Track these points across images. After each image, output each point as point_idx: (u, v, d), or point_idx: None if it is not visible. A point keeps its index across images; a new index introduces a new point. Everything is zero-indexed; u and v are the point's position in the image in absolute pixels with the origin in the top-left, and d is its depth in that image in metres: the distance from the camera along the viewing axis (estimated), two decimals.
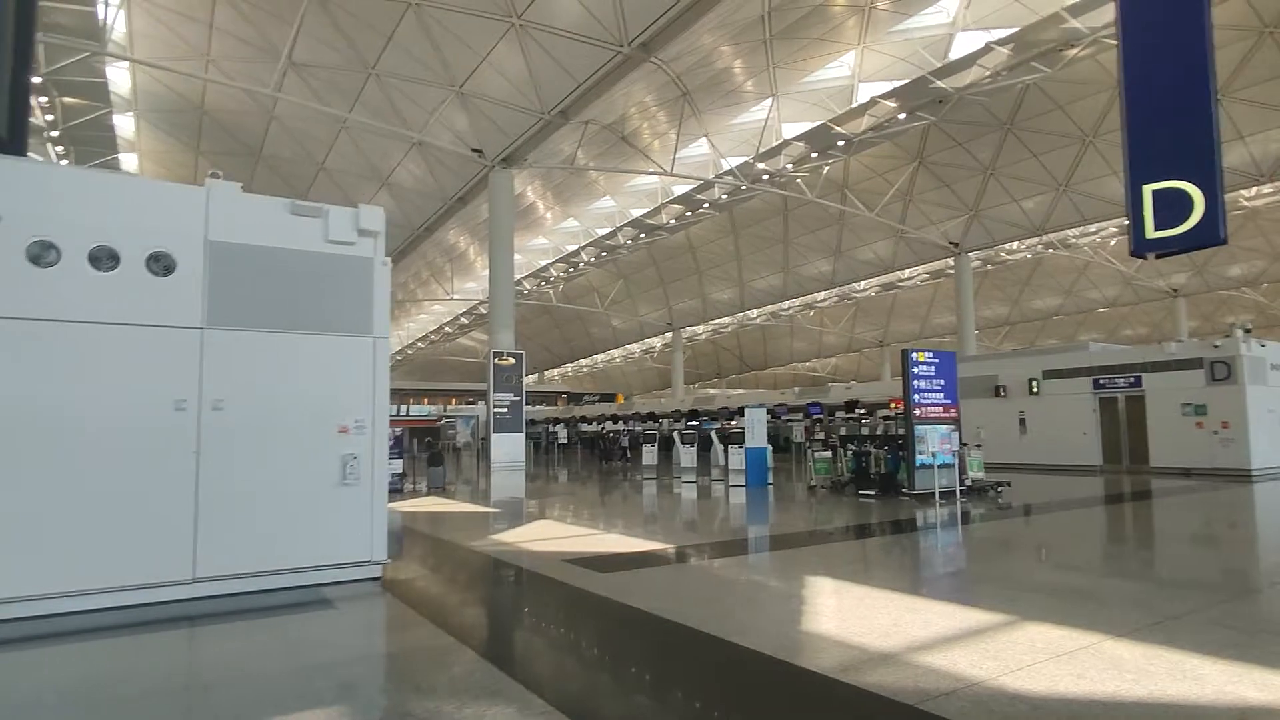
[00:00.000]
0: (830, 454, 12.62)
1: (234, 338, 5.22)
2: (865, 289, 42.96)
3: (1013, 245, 33.94)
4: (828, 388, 26.77)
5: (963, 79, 22.41)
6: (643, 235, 36.10)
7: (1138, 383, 15.55)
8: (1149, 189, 7.04)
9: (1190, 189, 6.81)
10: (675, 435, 17.56)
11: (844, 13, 21.09)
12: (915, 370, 11.03)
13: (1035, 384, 17.21)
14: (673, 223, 34.01)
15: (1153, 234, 7.01)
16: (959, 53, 21.97)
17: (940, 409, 11.20)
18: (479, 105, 21.73)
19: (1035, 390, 17.20)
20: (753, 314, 46.96)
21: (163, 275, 5.01)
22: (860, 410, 19.70)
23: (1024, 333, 45.84)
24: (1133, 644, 3.75)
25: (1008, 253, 35.81)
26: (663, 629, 4.23)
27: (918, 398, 10.98)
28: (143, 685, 3.40)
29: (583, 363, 65.58)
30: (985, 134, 26.22)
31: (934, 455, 10.64)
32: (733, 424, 17.25)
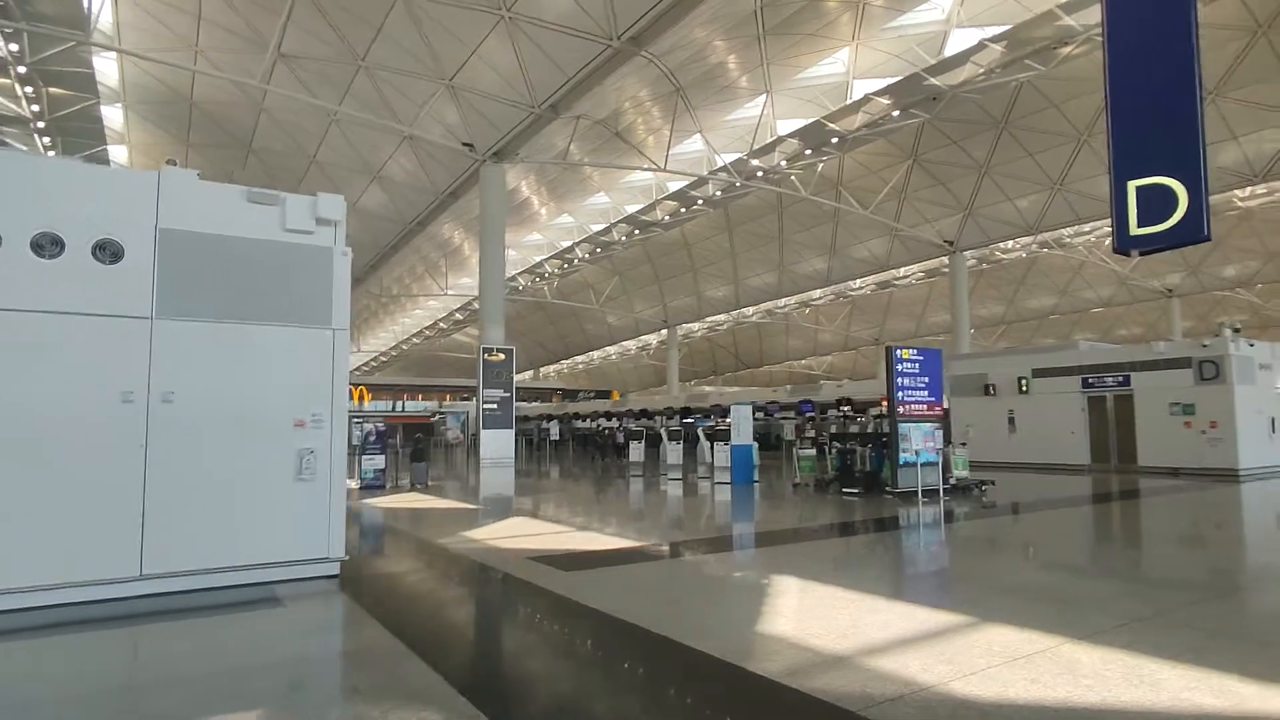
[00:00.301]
0: (815, 452, 12.51)
1: (185, 328, 5.09)
2: (861, 287, 42.87)
3: (1008, 244, 33.85)
4: (819, 385, 26.69)
5: (956, 76, 22.28)
6: (637, 232, 35.96)
7: (1126, 382, 15.45)
8: (1133, 185, 6.93)
9: (1174, 185, 6.70)
10: (662, 432, 17.42)
11: (838, 8, 20.93)
12: (899, 368, 10.92)
13: (1025, 383, 17.12)
14: (667, 219, 33.87)
15: (1136, 230, 6.90)
16: (953, 50, 21.85)
17: (924, 407, 11.09)
18: (469, 98, 21.57)
19: (1025, 389, 17.11)
20: (748, 311, 46.86)
21: (110, 263, 4.88)
22: (845, 408, 19.56)
23: (1019, 332, 45.78)
24: (1093, 647, 3.64)
25: (1003, 252, 35.72)
26: (615, 630, 4.12)
27: (901, 395, 10.87)
28: (65, 689, 3.28)
29: (578, 359, 65.46)
30: (980, 132, 26.10)
31: (917, 453, 10.54)
32: (727, 421, 17.12)
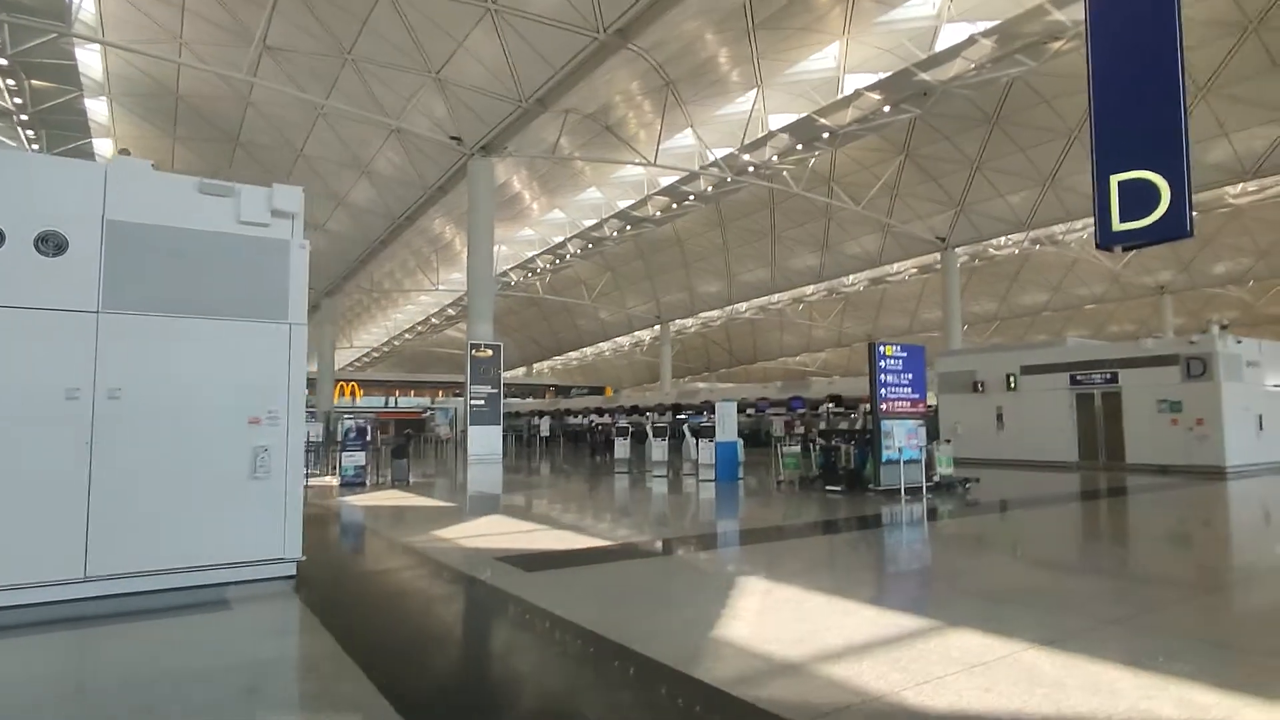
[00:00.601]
0: (800, 449, 12.41)
1: (134, 322, 4.94)
2: (854, 283, 42.76)
3: (1000, 241, 33.76)
4: (809, 382, 26.61)
5: (947, 71, 22.14)
6: (629, 227, 35.77)
7: (1114, 379, 15.38)
8: (1116, 179, 6.85)
9: (1157, 179, 6.62)
10: (648, 429, 17.31)
11: (828, 2, 20.77)
12: (882, 364, 10.81)
13: (1013, 379, 17.04)
14: (658, 215, 33.69)
15: (1119, 226, 6.82)
16: (944, 45, 21.70)
17: (908, 404, 10.98)
18: (456, 92, 21.36)
19: (1013, 386, 17.03)
20: (742, 307, 46.71)
21: (53, 255, 4.72)
22: (830, 405, 19.47)
23: (1012, 329, 45.73)
24: (1054, 653, 3.52)
25: (995, 248, 35.64)
26: (563, 635, 4.00)
27: (885, 392, 10.77)
28: None
29: (572, 355, 65.25)
30: (971, 128, 25.98)
31: (900, 451, 10.45)
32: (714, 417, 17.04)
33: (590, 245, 38.37)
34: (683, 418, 20.01)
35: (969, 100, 24.20)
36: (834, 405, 20.54)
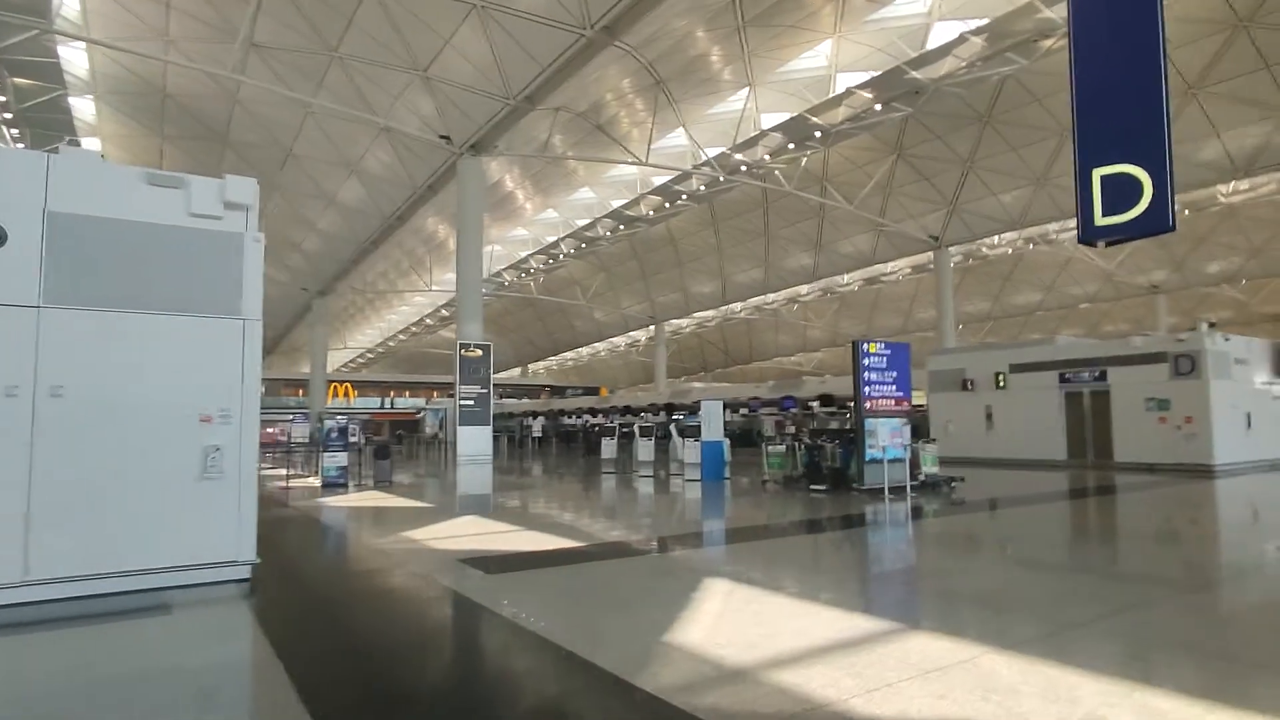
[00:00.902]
0: (785, 448, 12.27)
1: (77, 317, 4.78)
2: (849, 283, 42.68)
3: (993, 240, 33.70)
4: (801, 381, 26.48)
5: (938, 70, 22.05)
6: (622, 227, 35.65)
7: (1103, 377, 15.27)
8: (1098, 173, 6.72)
9: (1139, 173, 6.48)
10: (635, 429, 17.17)
11: (819, 0, 20.66)
12: (866, 362, 10.68)
13: (1002, 378, 16.92)
14: (651, 214, 33.57)
15: (1101, 220, 6.69)
16: (935, 43, 21.59)
17: (892, 402, 10.85)
18: (444, 90, 21.21)
19: (1002, 384, 16.91)
20: (737, 308, 46.59)
21: None
22: (820, 404, 19.35)
23: (1007, 328, 45.66)
24: (1016, 658, 3.39)
25: (989, 248, 35.58)
26: (511, 640, 3.85)
27: (868, 390, 10.63)
28: None
29: (567, 356, 65.09)
30: (963, 127, 25.89)
31: (884, 449, 10.32)
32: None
33: (584, 245, 38.24)
34: (677, 418, 19.84)
35: (961, 99, 24.11)
36: (824, 405, 20.38)
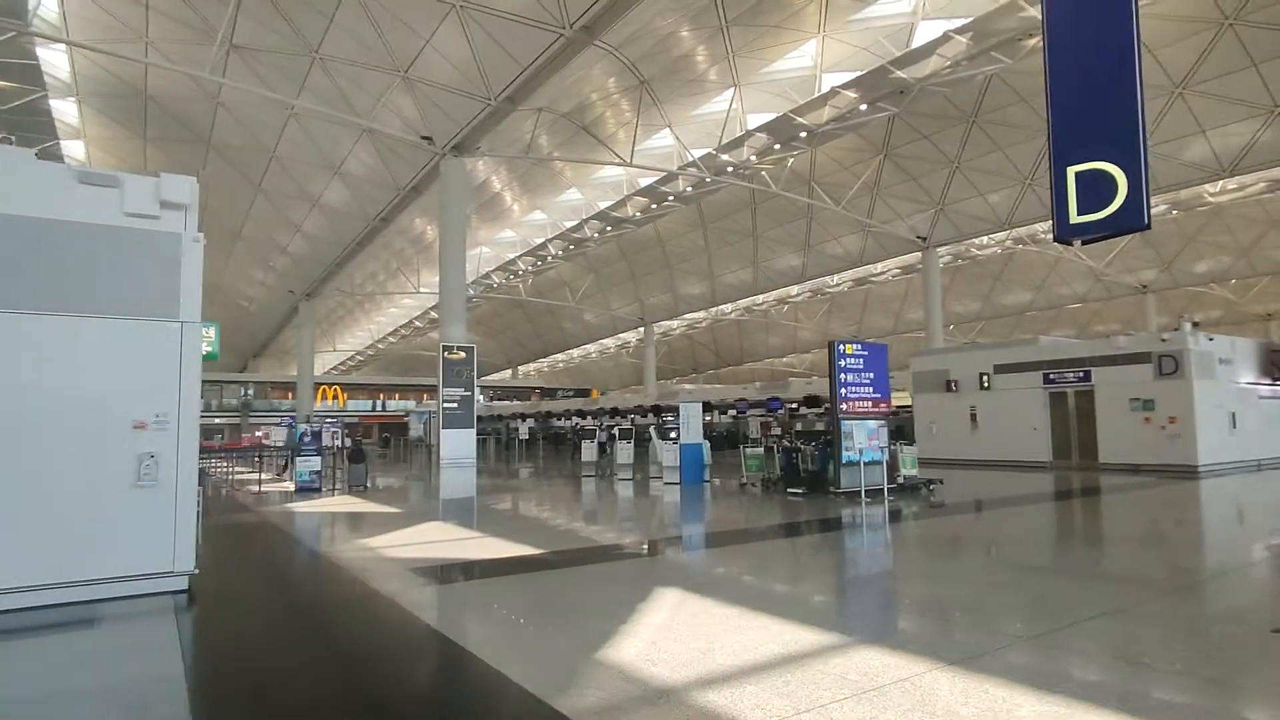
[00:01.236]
0: (763, 451, 12.13)
1: (3, 321, 4.61)
2: (838, 284, 42.60)
3: (982, 240, 33.64)
4: (788, 383, 26.36)
5: (923, 69, 21.96)
6: (609, 228, 35.49)
7: (1087, 377, 15.17)
8: (1073, 170, 6.63)
9: (1114, 171, 6.39)
10: (615, 431, 17.01)
11: None
12: (842, 363, 10.55)
13: (986, 379, 16.82)
14: (638, 215, 33.43)
15: (1076, 219, 6.59)
16: (920, 42, 21.51)
17: (869, 403, 10.72)
18: (425, 91, 21.03)
19: (986, 385, 16.81)
20: (727, 309, 46.47)
21: None
22: (804, 405, 19.23)
23: (998, 329, 45.65)
24: (960, 674, 3.24)
25: (978, 248, 35.53)
26: (437, 656, 3.69)
27: (845, 392, 10.50)
28: None
29: (558, 358, 64.88)
30: (950, 126, 25.83)
31: (860, 452, 10.18)
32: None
33: (572, 246, 38.07)
34: (651, 421, 19.68)
35: (947, 99, 24.04)
36: (811, 406, 20.26)
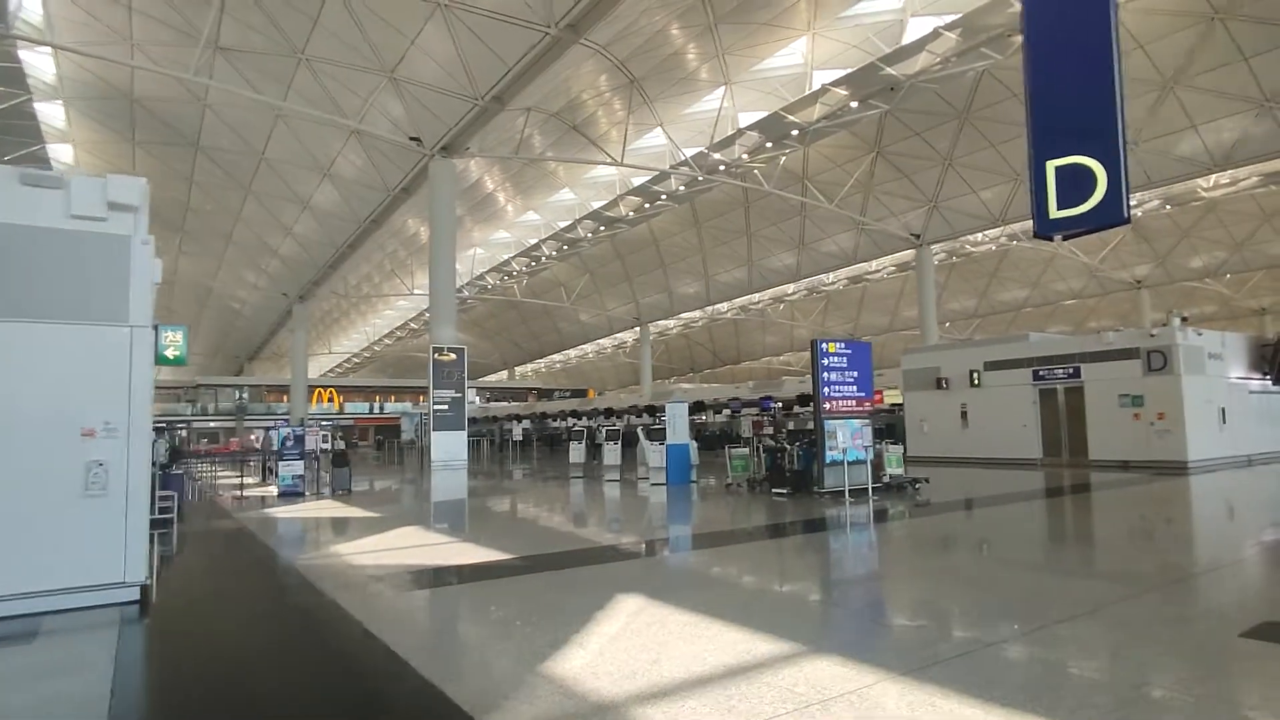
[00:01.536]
0: (747, 451, 12.02)
1: None
2: (834, 282, 42.49)
3: (977, 237, 33.54)
4: (782, 382, 26.25)
5: (913, 65, 21.85)
6: (603, 228, 35.38)
7: (1076, 374, 15.06)
8: (1052, 165, 6.54)
9: (1093, 165, 6.29)
10: (602, 431, 16.91)
11: None
12: (825, 362, 10.44)
13: (976, 376, 16.71)
14: (631, 215, 33.32)
15: (1056, 213, 6.50)
16: (911, 39, 21.40)
17: (853, 402, 10.61)
18: (413, 91, 20.90)
19: (976, 382, 16.70)
20: (723, 308, 46.35)
21: None
22: (782, 404, 19.12)
23: (994, 325, 45.54)
24: (911, 686, 3.13)
25: (973, 245, 35.42)
26: (375, 670, 3.57)
27: (828, 390, 10.39)
28: None
29: (555, 358, 64.75)
30: (942, 123, 25.72)
31: (844, 451, 10.06)
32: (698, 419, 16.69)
33: (566, 247, 37.96)
34: (662, 420, 19.52)
35: (938, 95, 23.94)
36: (804, 404, 20.16)
